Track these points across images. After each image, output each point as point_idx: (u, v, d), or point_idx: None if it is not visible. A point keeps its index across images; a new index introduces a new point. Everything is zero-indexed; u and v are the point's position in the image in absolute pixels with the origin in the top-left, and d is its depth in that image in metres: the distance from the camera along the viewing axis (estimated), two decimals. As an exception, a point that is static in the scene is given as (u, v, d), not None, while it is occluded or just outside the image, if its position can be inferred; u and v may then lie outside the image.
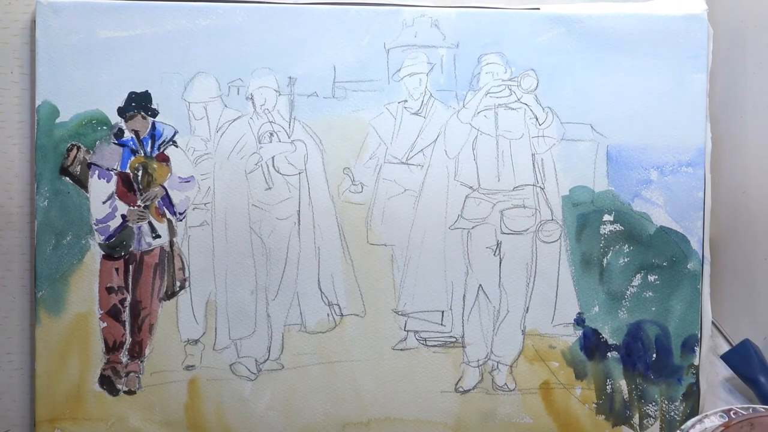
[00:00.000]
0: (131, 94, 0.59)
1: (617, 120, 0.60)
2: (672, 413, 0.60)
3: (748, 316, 0.63)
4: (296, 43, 0.59)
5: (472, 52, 0.60)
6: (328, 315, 0.60)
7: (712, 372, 0.63)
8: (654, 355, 0.60)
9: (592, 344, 0.60)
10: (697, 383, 0.60)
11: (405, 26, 0.59)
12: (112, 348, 0.59)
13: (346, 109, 0.59)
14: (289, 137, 0.59)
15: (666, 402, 0.60)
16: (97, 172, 0.59)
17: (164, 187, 0.59)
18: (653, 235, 0.60)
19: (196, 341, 0.59)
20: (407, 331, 0.60)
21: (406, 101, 0.60)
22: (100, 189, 0.59)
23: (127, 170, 0.59)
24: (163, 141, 0.59)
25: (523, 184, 0.60)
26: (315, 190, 0.59)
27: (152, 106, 0.59)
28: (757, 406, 0.54)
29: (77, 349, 0.59)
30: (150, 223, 0.59)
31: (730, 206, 0.64)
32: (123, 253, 0.59)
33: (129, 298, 0.59)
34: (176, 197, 0.59)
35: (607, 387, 0.60)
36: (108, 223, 0.59)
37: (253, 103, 0.59)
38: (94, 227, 0.59)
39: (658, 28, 0.60)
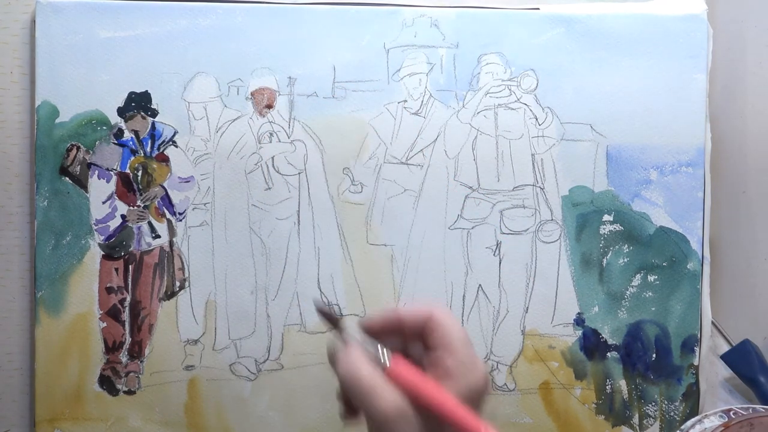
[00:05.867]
0: (131, 94, 0.59)
1: (617, 120, 0.60)
2: (672, 413, 0.60)
3: (748, 316, 0.63)
4: (296, 43, 0.59)
5: (472, 52, 0.60)
6: (327, 315, 0.60)
7: (712, 372, 0.63)
8: (654, 355, 0.60)
9: (591, 344, 0.60)
10: (696, 383, 0.60)
11: (405, 26, 0.59)
12: (111, 348, 0.59)
13: (345, 109, 0.59)
14: (288, 137, 0.59)
15: (666, 402, 0.60)
16: (96, 172, 0.59)
17: (164, 187, 0.59)
18: (653, 235, 0.60)
19: (195, 341, 0.59)
20: (407, 331, 0.60)
21: (405, 101, 0.60)
22: (100, 189, 0.59)
23: (127, 170, 0.59)
24: (163, 141, 0.59)
25: (522, 184, 0.60)
26: (315, 190, 0.59)
27: (152, 106, 0.59)
28: (757, 406, 0.54)
29: (77, 349, 0.59)
30: (150, 223, 0.59)
31: (730, 206, 0.63)
32: (123, 253, 0.59)
33: (129, 298, 0.59)
34: (176, 197, 0.59)
35: (607, 387, 0.60)
36: (108, 223, 0.59)
37: (252, 103, 0.59)
38: (94, 227, 0.59)
39: (658, 28, 0.60)
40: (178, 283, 0.59)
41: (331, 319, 0.48)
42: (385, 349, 0.43)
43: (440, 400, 0.41)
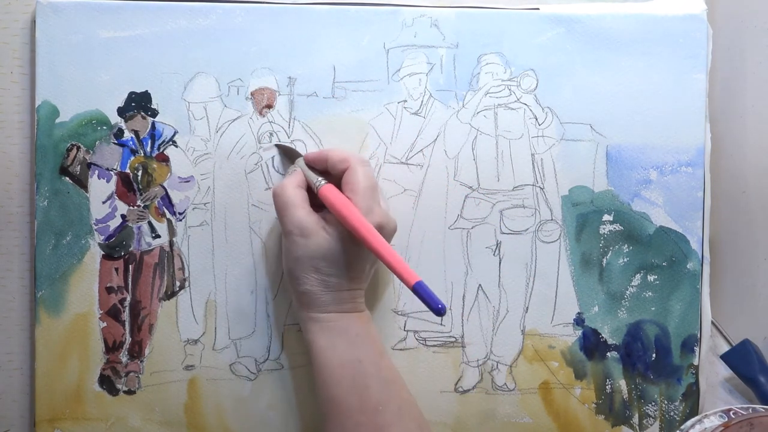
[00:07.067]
0: (131, 94, 0.59)
1: (617, 120, 0.60)
2: (671, 413, 0.60)
3: (748, 316, 0.63)
4: (296, 43, 0.59)
5: (472, 52, 0.60)
6: (327, 315, 0.60)
7: (712, 372, 0.63)
8: (654, 355, 0.60)
9: (591, 344, 0.60)
10: (696, 383, 0.60)
11: (404, 26, 0.59)
12: (111, 348, 0.59)
13: (345, 109, 0.59)
14: (288, 137, 0.59)
15: (665, 402, 0.60)
16: (96, 172, 0.59)
17: (164, 187, 0.59)
18: (653, 235, 0.60)
19: (195, 341, 0.59)
20: (407, 331, 0.60)
21: (405, 101, 0.60)
22: (100, 189, 0.59)
23: (127, 170, 0.59)
24: (163, 141, 0.59)
25: (522, 184, 0.60)
26: (315, 190, 0.59)
27: (152, 106, 0.59)
28: (757, 406, 0.54)
29: (77, 349, 0.59)
30: (150, 223, 0.59)
31: (730, 206, 0.64)
32: (123, 253, 0.59)
33: (129, 298, 0.59)
34: (176, 197, 0.59)
35: (607, 387, 0.60)
36: (108, 223, 0.59)
37: (252, 103, 0.59)
38: (94, 227, 0.59)
39: (657, 28, 0.60)
40: (178, 283, 0.59)
41: (290, 152, 0.59)
42: (322, 178, 0.54)
43: (353, 216, 0.50)
